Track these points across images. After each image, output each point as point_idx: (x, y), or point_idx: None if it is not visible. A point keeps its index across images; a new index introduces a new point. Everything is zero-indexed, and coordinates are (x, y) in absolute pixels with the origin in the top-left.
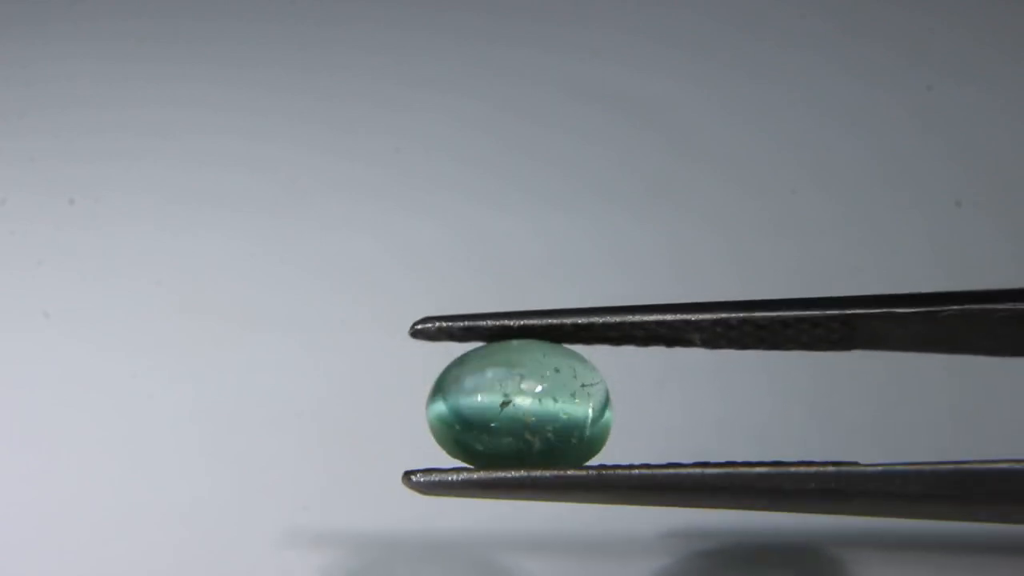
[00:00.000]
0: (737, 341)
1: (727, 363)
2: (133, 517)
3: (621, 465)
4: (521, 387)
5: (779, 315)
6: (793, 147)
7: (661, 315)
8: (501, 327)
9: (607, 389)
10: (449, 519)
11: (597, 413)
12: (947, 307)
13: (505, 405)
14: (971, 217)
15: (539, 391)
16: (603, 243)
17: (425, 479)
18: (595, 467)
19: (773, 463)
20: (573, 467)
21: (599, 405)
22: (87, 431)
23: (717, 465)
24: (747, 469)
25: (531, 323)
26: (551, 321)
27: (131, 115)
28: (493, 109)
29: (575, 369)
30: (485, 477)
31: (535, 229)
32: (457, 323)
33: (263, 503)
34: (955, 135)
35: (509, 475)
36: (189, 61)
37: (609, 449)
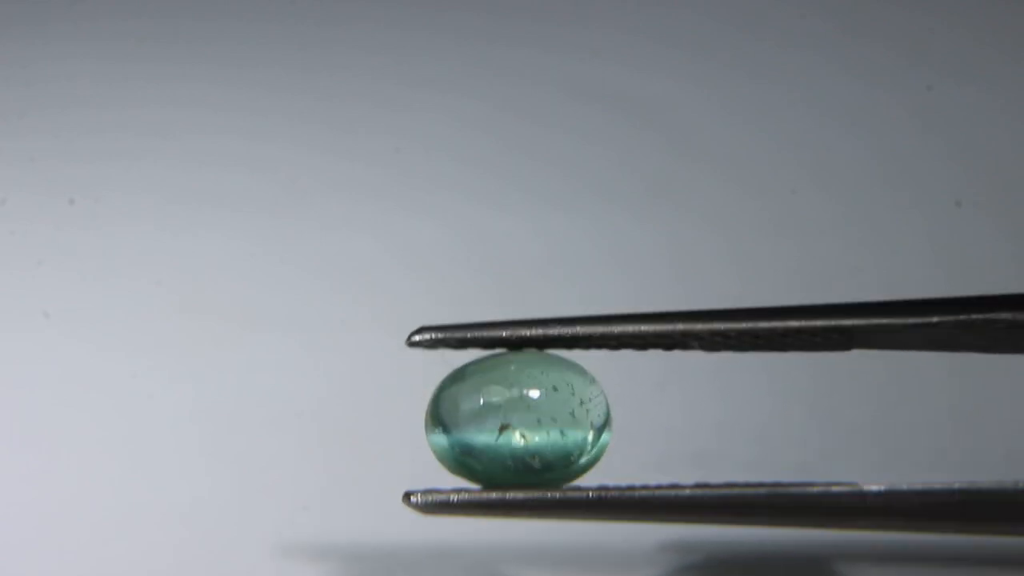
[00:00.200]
0: (735, 346)
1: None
2: (133, 517)
3: (621, 487)
4: (519, 412)
5: (777, 326)
6: (793, 147)
7: (658, 325)
8: (497, 338)
9: (606, 401)
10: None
11: (596, 431)
12: (946, 317)
13: (504, 429)
14: (971, 217)
15: (538, 414)
16: (603, 243)
17: (424, 500)
18: (595, 488)
19: (772, 484)
20: (573, 487)
21: (599, 422)
22: (87, 431)
23: (716, 487)
24: (746, 490)
25: (527, 334)
26: (547, 332)
27: (131, 115)
28: (493, 109)
29: (573, 386)
30: (485, 498)
31: (535, 229)
32: (454, 334)
33: (263, 503)
34: (955, 135)
35: (509, 496)
36: (189, 61)
37: (610, 451)
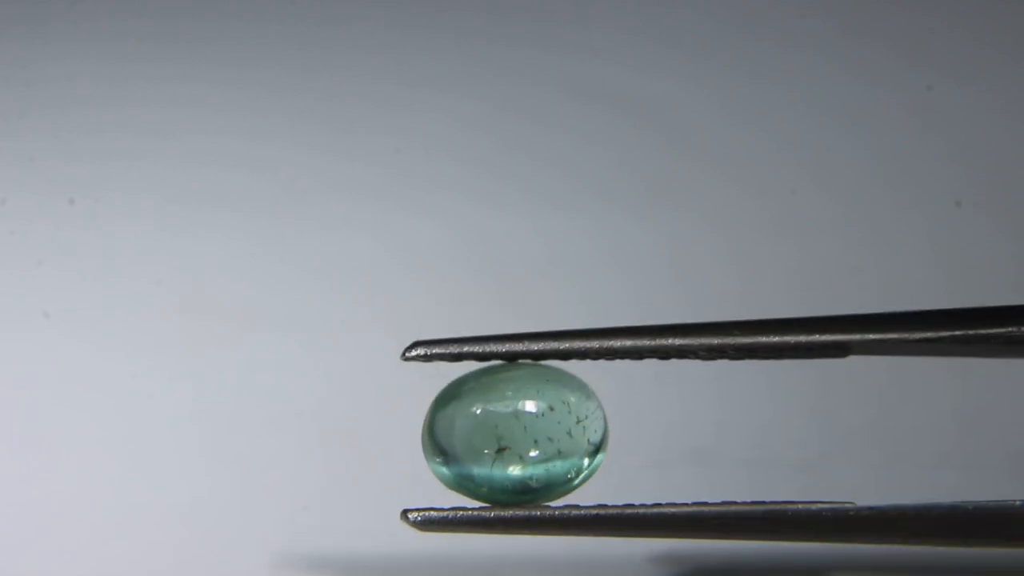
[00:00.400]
0: (732, 356)
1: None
2: (133, 517)
3: (619, 504)
4: (516, 432)
5: (774, 341)
6: (793, 147)
7: (653, 340)
8: (493, 352)
9: (604, 416)
10: None
11: (593, 448)
12: (943, 333)
13: (501, 451)
14: (971, 217)
15: (535, 435)
16: (603, 243)
17: (423, 517)
18: (594, 506)
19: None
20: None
21: (596, 438)
22: (87, 431)
23: (714, 505)
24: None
25: (522, 348)
26: (542, 347)
27: (131, 115)
28: (493, 109)
29: (570, 404)
30: (483, 516)
31: (535, 229)
32: (448, 348)
33: (263, 503)
34: (955, 135)
35: (508, 515)
36: (189, 61)
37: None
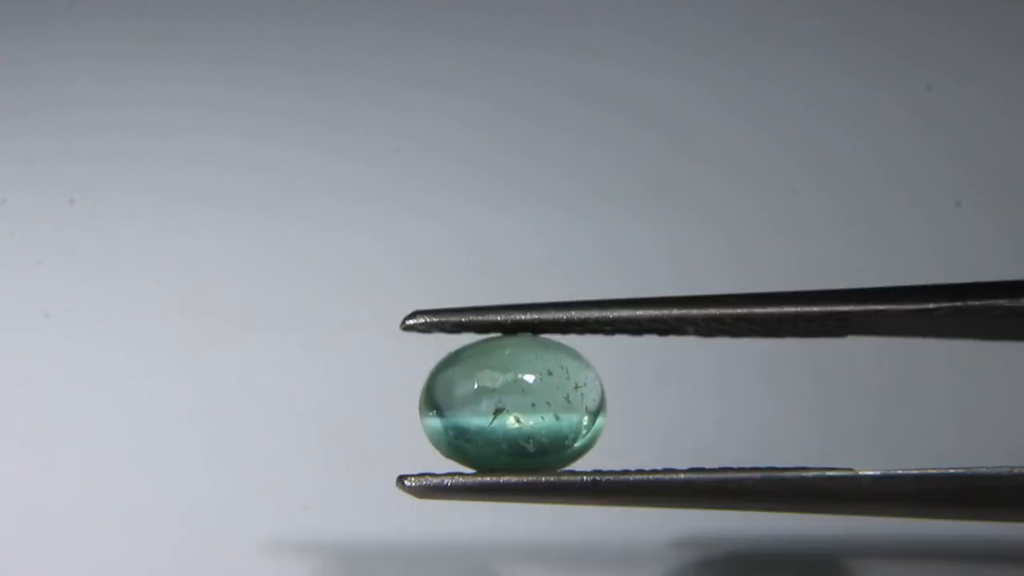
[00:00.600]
0: (731, 332)
1: (725, 360)
2: (133, 517)
3: (616, 471)
4: (514, 395)
5: (774, 311)
6: (793, 147)
7: (655, 310)
8: (492, 322)
9: (601, 385)
10: (448, 520)
11: (591, 415)
12: (943, 304)
13: (498, 413)
14: (971, 217)
15: (532, 398)
16: (603, 243)
17: (419, 483)
18: (590, 472)
19: (768, 468)
20: (568, 471)
21: (593, 406)
22: (87, 431)
23: (711, 471)
24: (742, 475)
25: (522, 318)
26: (542, 316)
27: (131, 115)
28: (493, 109)
29: (568, 370)
30: (479, 482)
31: (535, 229)
32: (448, 318)
33: (263, 503)
34: (955, 135)
35: (503, 480)
36: (189, 61)
37: (606, 449)
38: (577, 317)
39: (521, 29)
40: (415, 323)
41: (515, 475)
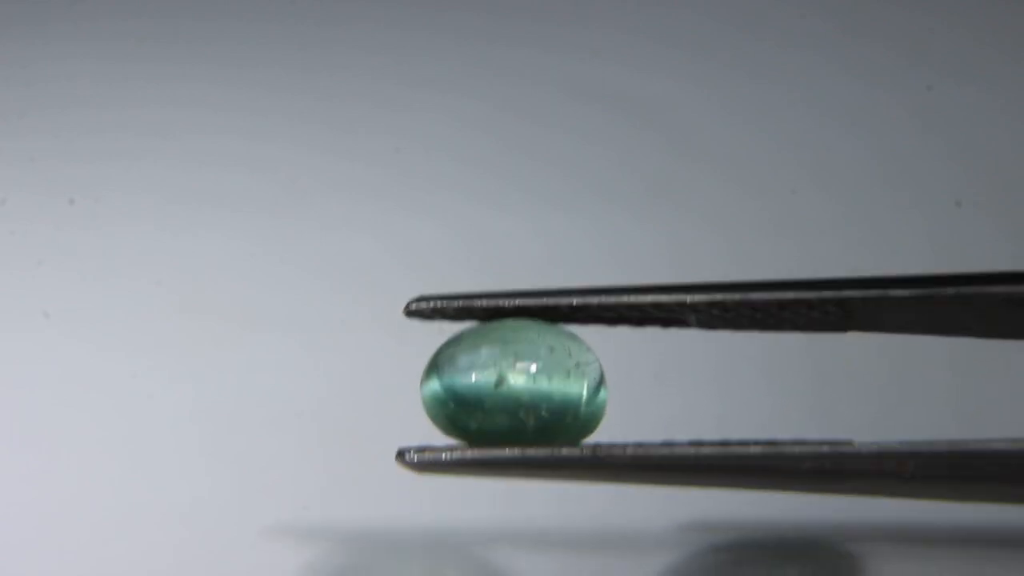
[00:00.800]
0: (732, 322)
1: (724, 359)
2: (133, 517)
3: (616, 444)
4: (515, 366)
5: (775, 297)
6: (793, 147)
7: (656, 296)
8: (495, 307)
9: (601, 368)
10: (449, 518)
11: (592, 391)
12: (944, 290)
13: (499, 384)
14: (971, 217)
15: (533, 370)
16: (603, 243)
17: (418, 457)
18: (589, 445)
19: (768, 442)
20: (567, 445)
21: (593, 383)
22: (87, 431)
23: (712, 444)
24: (742, 449)
25: (525, 303)
26: (546, 301)
27: (131, 115)
28: (493, 109)
29: (569, 348)
30: (478, 456)
31: (535, 229)
32: (452, 303)
33: (263, 503)
34: (955, 135)
35: (503, 454)
36: (189, 61)
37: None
38: (579, 303)
39: (521, 29)
40: (418, 308)
41: (514, 449)
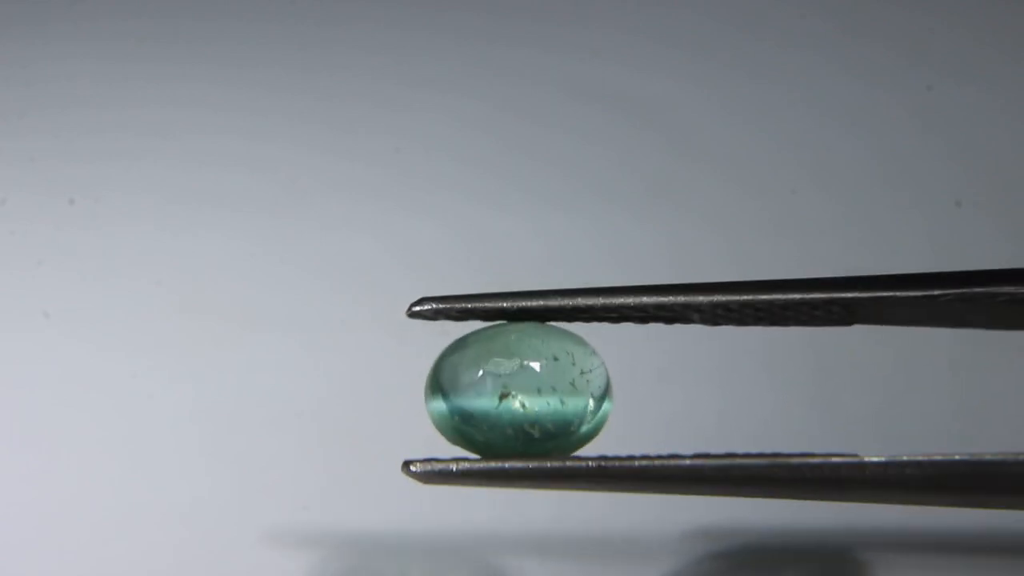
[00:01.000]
0: (736, 320)
1: (727, 355)
2: (133, 517)
3: (621, 456)
4: (519, 379)
5: (779, 298)
6: (793, 147)
7: (660, 297)
8: (498, 309)
9: (606, 372)
10: (450, 519)
11: (596, 401)
12: (948, 291)
13: (504, 398)
14: (971, 217)
15: (538, 383)
16: (603, 243)
17: (424, 469)
18: (595, 458)
19: (772, 455)
20: (573, 456)
21: (599, 392)
22: (87, 431)
23: (717, 457)
24: (747, 461)
25: (528, 304)
26: (549, 303)
27: (131, 115)
28: (493, 109)
29: (573, 356)
30: (484, 467)
31: (535, 229)
32: (454, 304)
33: (263, 503)
34: (955, 135)
35: (508, 465)
36: (189, 61)
37: (611, 440)
38: (583, 304)
39: (521, 29)
40: (421, 309)
41: (520, 460)
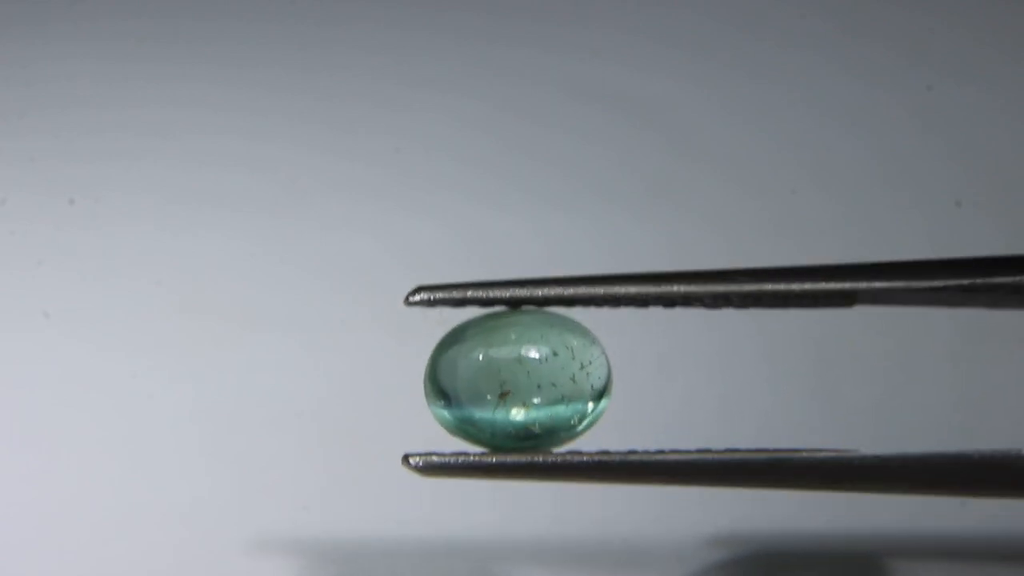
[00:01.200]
0: (737, 304)
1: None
2: (133, 517)
3: (621, 451)
4: (519, 376)
5: (782, 288)
6: (793, 147)
7: (659, 287)
8: (497, 298)
9: (607, 361)
10: (449, 519)
11: (596, 394)
12: (949, 281)
13: (504, 397)
14: (971, 217)
15: (538, 379)
16: (603, 243)
17: (424, 461)
18: (596, 452)
19: (773, 450)
20: (573, 451)
21: (599, 384)
22: (87, 431)
23: (718, 452)
24: (747, 456)
25: (526, 293)
26: (547, 292)
27: (131, 115)
28: (493, 109)
29: (573, 349)
30: (484, 462)
31: (535, 229)
32: (452, 293)
33: (263, 503)
34: (955, 135)
35: (509, 460)
36: (189, 61)
37: (610, 432)
38: (582, 293)
39: (521, 29)
40: (420, 298)
41: (521, 455)
